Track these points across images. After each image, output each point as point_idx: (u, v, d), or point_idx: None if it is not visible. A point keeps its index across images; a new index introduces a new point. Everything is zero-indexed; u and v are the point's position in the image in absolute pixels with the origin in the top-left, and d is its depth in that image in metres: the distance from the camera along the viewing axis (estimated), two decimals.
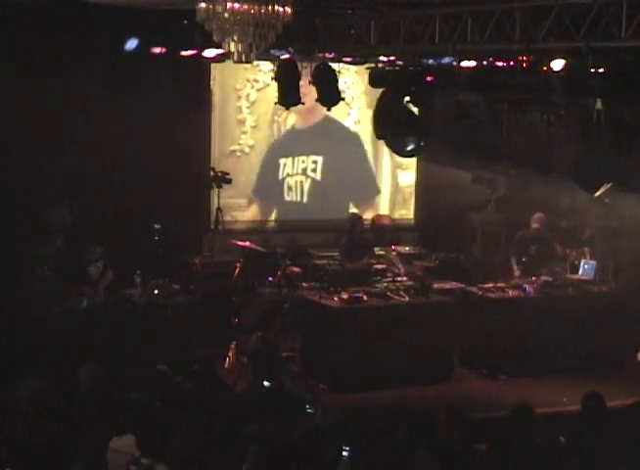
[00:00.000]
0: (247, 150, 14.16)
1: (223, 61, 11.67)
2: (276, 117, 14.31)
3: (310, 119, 14.63)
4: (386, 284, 11.30)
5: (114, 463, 6.10)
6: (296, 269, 11.92)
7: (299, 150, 14.71)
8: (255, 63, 12.66)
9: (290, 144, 14.65)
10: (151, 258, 11.50)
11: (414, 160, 14.58)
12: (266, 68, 13.49)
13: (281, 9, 7.89)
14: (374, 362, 10.49)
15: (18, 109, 11.50)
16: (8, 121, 11.46)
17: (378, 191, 15.05)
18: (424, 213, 14.86)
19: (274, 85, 11.21)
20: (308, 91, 11.03)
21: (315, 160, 14.83)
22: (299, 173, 14.72)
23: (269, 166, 14.39)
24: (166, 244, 11.98)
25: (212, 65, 13.01)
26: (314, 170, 14.86)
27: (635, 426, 6.97)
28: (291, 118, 14.42)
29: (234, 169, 13.65)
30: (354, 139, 14.97)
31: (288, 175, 14.67)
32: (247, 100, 14.00)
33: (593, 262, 12.08)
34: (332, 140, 14.79)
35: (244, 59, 8.15)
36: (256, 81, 13.99)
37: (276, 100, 11.12)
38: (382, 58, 10.96)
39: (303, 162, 14.78)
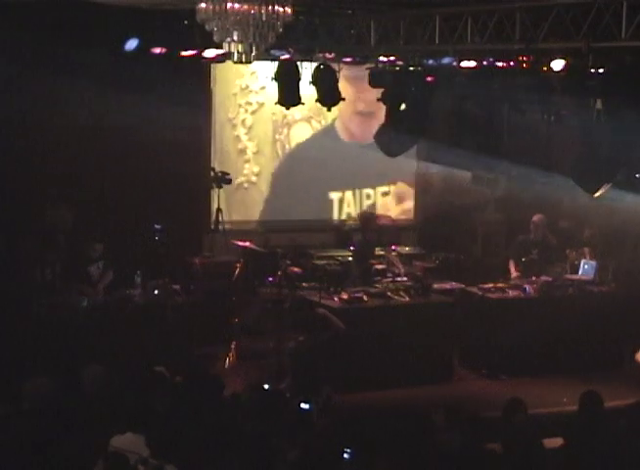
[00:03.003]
0: (253, 179, 13.32)
1: (223, 61, 11.67)
2: (277, 136, 13.49)
3: (368, 129, 12.96)
4: (386, 284, 11.30)
5: None
6: (296, 269, 11.89)
7: (358, 179, 13.47)
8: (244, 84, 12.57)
9: (342, 170, 13.33)
10: (151, 258, 11.50)
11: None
12: (256, 85, 13.16)
13: (281, 9, 7.90)
14: (374, 362, 10.48)
15: (17, 108, 11.51)
16: (8, 121, 11.47)
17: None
18: (424, 213, 14.85)
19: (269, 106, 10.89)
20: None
21: (386, 191, 13.57)
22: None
23: (311, 204, 13.38)
24: (166, 244, 11.98)
25: None
26: (386, 207, 13.59)
27: (635, 426, 6.97)
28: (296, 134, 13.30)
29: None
30: None
31: (350, 218, 13.52)
32: (243, 126, 13.42)
33: (593, 262, 12.06)
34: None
35: (244, 59, 8.15)
36: (250, 104, 13.45)
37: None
38: (382, 58, 10.96)
39: (368, 197, 13.52)
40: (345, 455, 6.24)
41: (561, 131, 9.48)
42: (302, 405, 7.35)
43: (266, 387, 7.79)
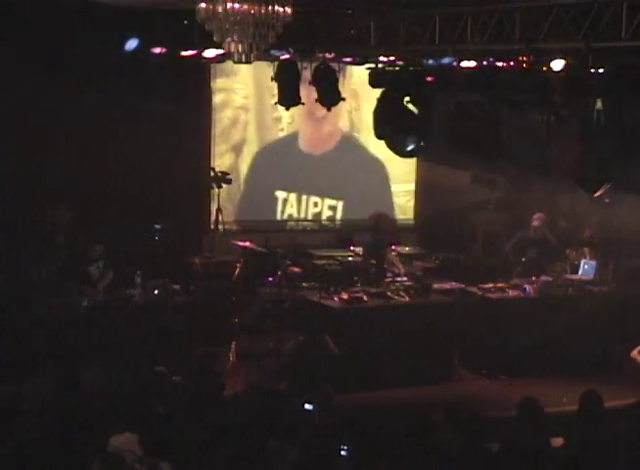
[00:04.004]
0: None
1: (223, 61, 11.67)
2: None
3: (325, 142, 13.76)
4: (386, 284, 11.30)
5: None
6: (296, 269, 11.91)
7: (309, 184, 13.80)
8: None
9: (294, 172, 13.79)
10: (151, 258, 11.51)
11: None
12: None
13: (281, 9, 7.89)
14: (374, 362, 10.49)
15: (18, 109, 11.51)
16: (8, 122, 11.47)
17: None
18: (424, 214, 14.85)
19: None
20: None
21: (333, 205, 13.90)
22: (309, 220, 13.88)
23: (260, 197, 13.64)
24: (166, 244, 11.98)
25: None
26: (332, 220, 13.91)
27: (635, 426, 6.97)
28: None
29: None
30: (377, 167, 14.12)
31: (290, 218, 13.92)
32: None
33: (593, 262, 12.08)
34: (352, 171, 13.69)
35: (244, 59, 8.14)
36: None
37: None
38: (382, 58, 10.95)
39: (316, 205, 13.92)
40: (343, 453, 6.24)
41: (561, 131, 9.46)
42: (307, 406, 7.35)
43: (266, 387, 7.80)
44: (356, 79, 13.23)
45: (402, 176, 14.78)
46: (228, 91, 13.58)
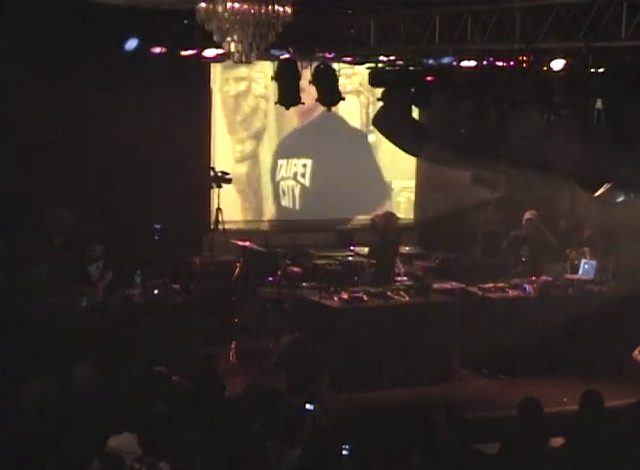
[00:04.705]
0: None
1: (223, 61, 11.67)
2: None
3: (308, 117, 14.20)
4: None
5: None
6: (296, 269, 11.92)
7: (295, 151, 14.41)
8: None
9: (289, 144, 14.36)
10: (151, 258, 11.50)
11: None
12: None
13: (281, 9, 7.90)
14: (374, 362, 10.49)
15: (18, 109, 11.52)
16: (8, 122, 11.47)
17: (386, 195, 14.85)
18: (424, 214, 14.85)
19: None
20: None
21: (304, 163, 14.42)
22: (290, 178, 14.46)
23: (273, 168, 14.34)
24: (166, 244, 11.98)
25: None
26: (303, 175, 14.49)
27: (636, 426, 6.96)
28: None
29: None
30: (358, 137, 14.58)
31: (282, 179, 14.45)
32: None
33: (593, 262, 12.07)
34: (328, 139, 14.28)
35: (244, 59, 8.15)
36: None
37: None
38: (382, 58, 10.95)
39: (295, 165, 14.43)
40: (345, 452, 6.24)
41: (561, 131, 9.46)
42: (307, 406, 7.35)
43: (266, 387, 7.79)
44: None
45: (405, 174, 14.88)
46: (249, 80, 13.82)
